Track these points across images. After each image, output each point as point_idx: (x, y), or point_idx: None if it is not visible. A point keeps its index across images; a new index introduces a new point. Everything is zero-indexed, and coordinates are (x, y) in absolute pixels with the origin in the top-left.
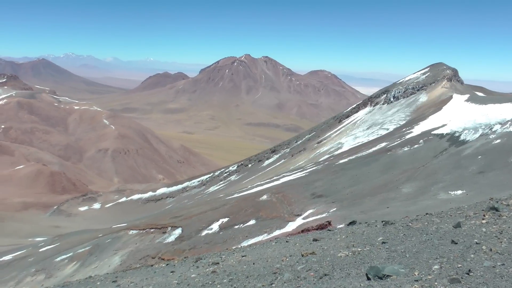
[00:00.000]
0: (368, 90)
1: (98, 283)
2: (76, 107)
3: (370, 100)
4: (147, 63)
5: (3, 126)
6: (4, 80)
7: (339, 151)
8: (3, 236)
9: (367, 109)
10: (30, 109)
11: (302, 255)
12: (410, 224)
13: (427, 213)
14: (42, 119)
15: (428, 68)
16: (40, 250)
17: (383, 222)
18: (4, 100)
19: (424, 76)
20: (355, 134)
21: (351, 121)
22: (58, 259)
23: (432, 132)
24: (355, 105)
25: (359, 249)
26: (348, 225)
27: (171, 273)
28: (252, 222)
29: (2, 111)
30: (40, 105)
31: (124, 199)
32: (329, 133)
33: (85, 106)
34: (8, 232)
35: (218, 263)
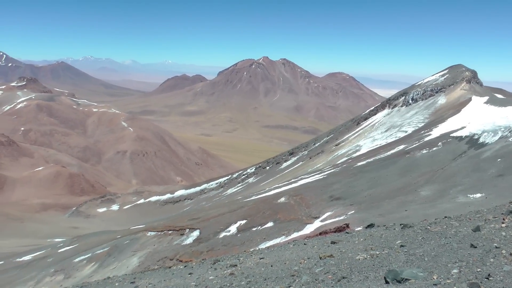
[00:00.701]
0: (387, 92)
1: (117, 284)
2: (94, 110)
3: (389, 102)
4: (166, 66)
5: (22, 129)
6: (24, 83)
7: (357, 153)
8: (23, 237)
9: (386, 111)
10: (49, 112)
11: (320, 258)
12: (429, 227)
13: (446, 217)
14: (61, 121)
15: (447, 70)
16: (59, 250)
17: (402, 225)
18: (24, 103)
19: (443, 78)
20: (373, 136)
21: (369, 123)
22: (77, 259)
23: (451, 135)
24: (373, 107)
25: (377, 252)
26: (366, 228)
27: (189, 275)
28: (270, 224)
29: (22, 113)
30: (59, 107)
31: (142, 201)
32: (347, 136)
33: (103, 108)
34: (28, 233)
35: (236, 265)
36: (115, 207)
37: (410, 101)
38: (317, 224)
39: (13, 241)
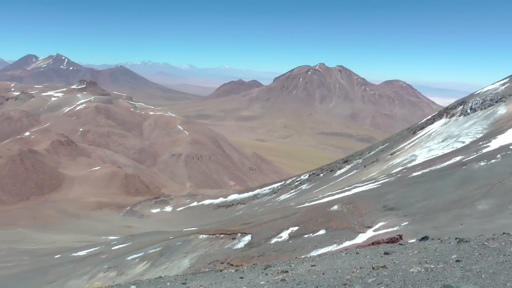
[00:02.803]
0: (444, 101)
1: (168, 283)
2: (151, 113)
3: (446, 112)
4: (222, 71)
5: (81, 129)
6: (84, 86)
7: (413, 163)
8: (79, 233)
9: (443, 120)
10: (107, 114)
11: (373, 268)
12: (486, 243)
13: (504, 233)
14: (118, 123)
15: (508, 79)
16: (113, 248)
17: (457, 239)
18: (83, 105)
19: (504, 87)
20: (430, 146)
21: (426, 132)
22: (130, 257)
23: (511, 147)
24: (430, 116)
25: (432, 266)
26: (420, 240)
27: (240, 279)
28: (322, 232)
29: (81, 115)
30: (117, 110)
31: (195, 203)
32: (402, 145)
33: (160, 112)
34: (84, 229)
35: (287, 272)
36: (168, 208)
37: (469, 111)
38: (369, 233)
39: (69, 237)
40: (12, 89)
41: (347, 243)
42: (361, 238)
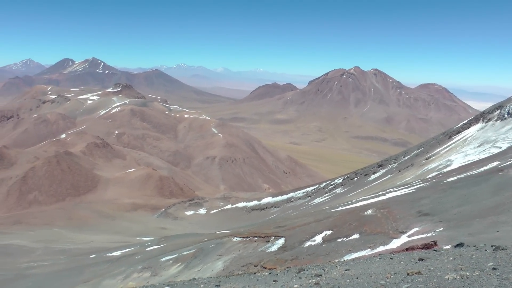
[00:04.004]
0: (481, 105)
1: (202, 285)
2: (186, 116)
3: (483, 116)
4: (257, 74)
5: (117, 132)
6: (119, 89)
7: (448, 168)
8: (114, 233)
9: (479, 125)
10: (142, 117)
11: (408, 274)
12: None
13: None
14: (153, 126)
15: None
16: (147, 249)
17: (493, 247)
18: (119, 108)
19: None
20: (466, 151)
21: (462, 137)
22: (164, 259)
23: None
24: (466, 120)
25: (468, 273)
26: (455, 247)
27: (274, 282)
28: (355, 236)
29: (116, 117)
30: (151, 113)
31: (229, 206)
32: (438, 149)
33: (194, 114)
34: (119, 230)
35: (321, 275)
36: (202, 210)
37: (506, 115)
38: (404, 239)
39: (104, 237)
40: (49, 93)
41: (381, 248)
42: (395, 243)
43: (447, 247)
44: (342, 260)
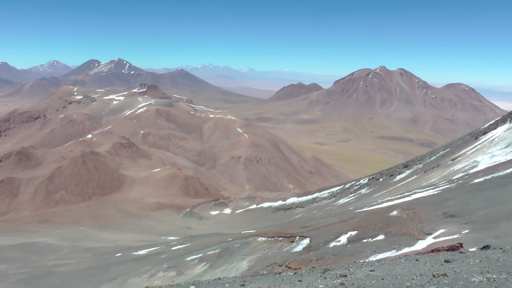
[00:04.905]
0: (508, 105)
1: (227, 285)
2: (211, 116)
3: (510, 116)
4: (282, 74)
5: (142, 132)
6: (145, 89)
7: (474, 169)
8: (139, 233)
9: (506, 125)
10: (167, 117)
11: (434, 276)
12: None
13: None
14: (178, 126)
15: None
16: (172, 248)
17: None
18: (144, 108)
19: None
20: (492, 152)
21: (488, 138)
22: (189, 258)
23: None
24: (493, 121)
25: (495, 276)
26: (481, 249)
27: (299, 282)
28: (380, 237)
29: (142, 118)
30: (177, 113)
31: (254, 206)
32: (464, 150)
33: (220, 114)
34: (144, 229)
35: (346, 276)
36: (227, 210)
37: None
38: (429, 240)
39: (130, 236)
40: (75, 93)
41: (406, 249)
42: (421, 244)
43: (473, 249)
44: (367, 260)
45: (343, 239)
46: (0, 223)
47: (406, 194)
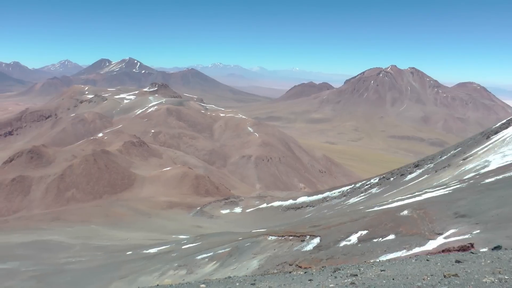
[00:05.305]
0: None
1: (237, 284)
2: (222, 115)
3: None
4: (292, 73)
5: (153, 131)
6: (155, 88)
7: (486, 169)
8: (150, 231)
9: None
10: (178, 116)
11: (445, 276)
12: None
13: None
14: (189, 125)
15: None
16: (183, 247)
17: None
18: (155, 107)
19: None
20: (504, 152)
21: (500, 137)
22: (199, 257)
23: None
24: (505, 120)
25: (506, 277)
26: (492, 249)
27: (309, 281)
28: (391, 237)
29: (152, 117)
30: (187, 112)
31: (264, 205)
32: (475, 150)
33: (230, 113)
34: (155, 228)
35: (356, 275)
36: (238, 209)
37: None
38: (440, 240)
39: (141, 234)
40: (86, 92)
41: (416, 249)
42: (431, 244)
43: (484, 249)
44: (378, 260)
45: (354, 238)
46: (12, 221)
47: (416, 193)
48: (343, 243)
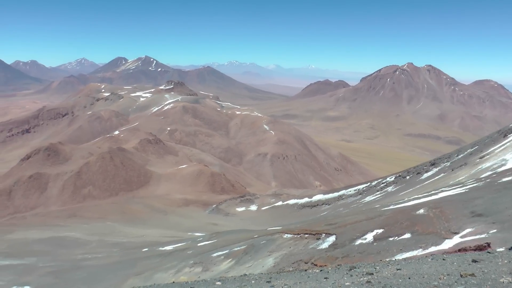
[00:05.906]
0: None
1: (253, 281)
2: (237, 112)
3: None
4: (308, 71)
5: (169, 128)
6: (171, 86)
7: (503, 168)
8: (165, 228)
9: None
10: (194, 113)
11: (461, 276)
12: None
13: None
14: (205, 122)
15: None
16: (199, 244)
17: None
18: (171, 105)
19: None
20: None
21: None
22: (215, 254)
23: None
24: None
25: None
26: (509, 249)
27: (325, 279)
28: (407, 235)
29: (168, 114)
30: (203, 109)
31: (280, 203)
32: (492, 148)
33: (246, 111)
34: (171, 225)
35: (372, 274)
36: (253, 207)
37: None
38: (456, 239)
39: (157, 231)
40: (103, 90)
41: (432, 249)
42: (447, 244)
43: (501, 249)
44: (394, 259)
45: (369, 237)
46: (29, 217)
47: (433, 192)
48: (358, 242)
